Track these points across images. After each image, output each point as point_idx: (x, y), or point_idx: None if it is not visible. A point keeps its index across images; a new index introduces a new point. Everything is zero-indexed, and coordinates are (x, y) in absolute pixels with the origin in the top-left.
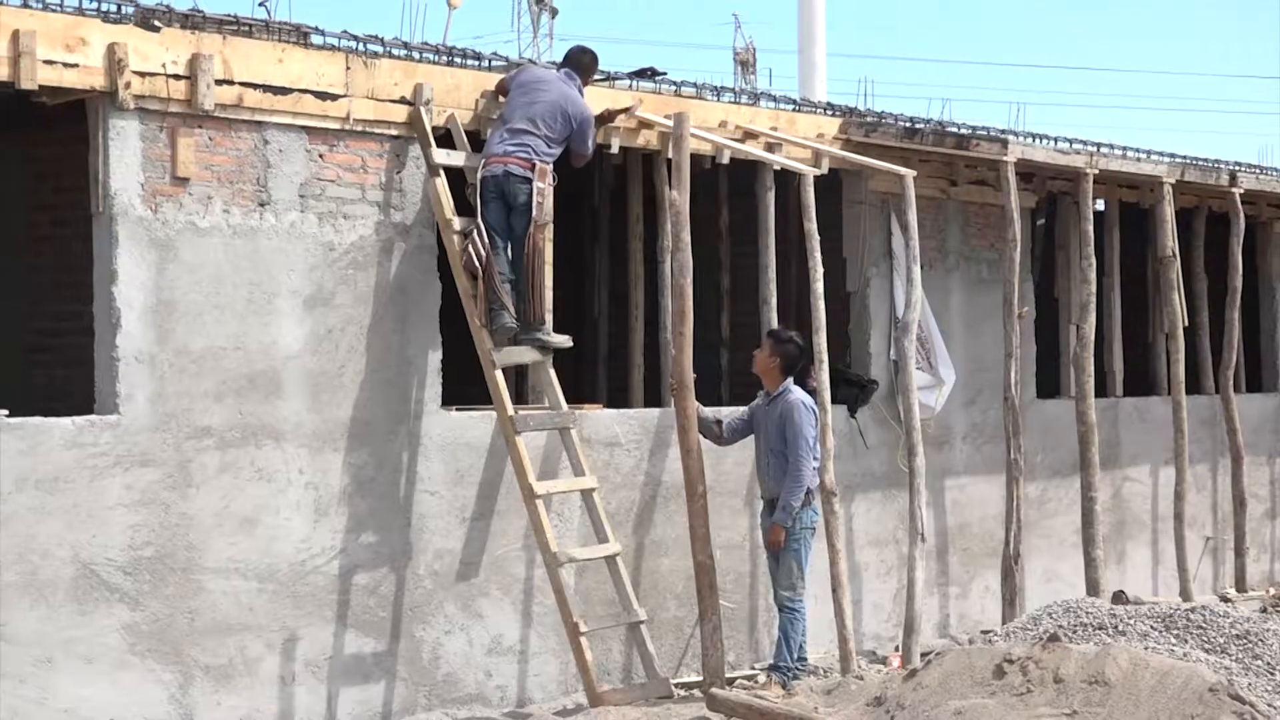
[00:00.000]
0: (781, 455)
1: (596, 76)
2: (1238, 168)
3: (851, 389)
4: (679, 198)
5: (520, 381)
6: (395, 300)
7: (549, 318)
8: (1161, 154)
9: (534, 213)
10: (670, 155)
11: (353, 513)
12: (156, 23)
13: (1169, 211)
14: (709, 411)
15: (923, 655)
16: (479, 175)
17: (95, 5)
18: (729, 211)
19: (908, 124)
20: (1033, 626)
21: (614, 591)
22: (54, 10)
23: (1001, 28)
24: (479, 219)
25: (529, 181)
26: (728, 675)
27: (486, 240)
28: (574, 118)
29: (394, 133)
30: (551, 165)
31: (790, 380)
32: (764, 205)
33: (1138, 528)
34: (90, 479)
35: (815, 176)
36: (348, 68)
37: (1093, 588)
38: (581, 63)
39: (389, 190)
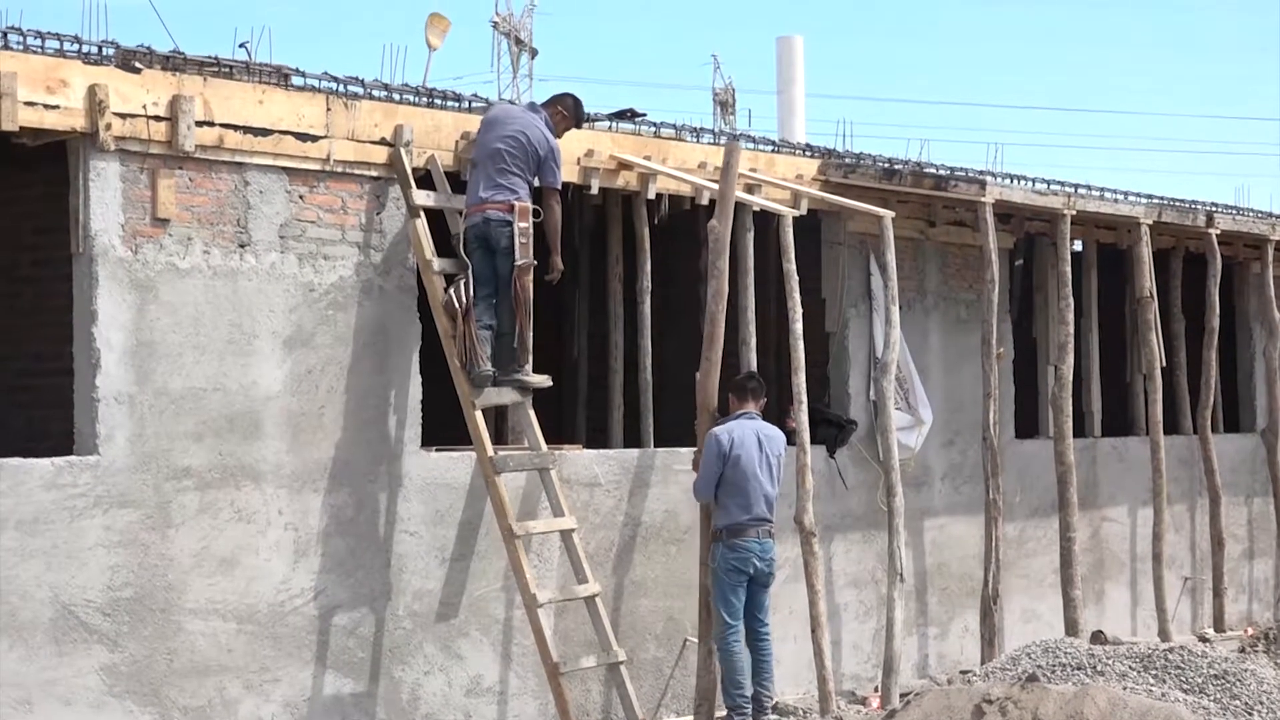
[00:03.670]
0: None
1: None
2: (1214, 208)
3: (830, 429)
4: (720, 226)
5: (500, 422)
6: (375, 341)
7: (529, 358)
8: (1139, 195)
9: (516, 255)
10: (702, 186)
11: (332, 553)
12: (137, 64)
13: (1146, 252)
14: None
15: (902, 695)
16: (462, 226)
17: (76, 47)
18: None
19: (886, 165)
20: (1011, 666)
21: (593, 632)
22: (35, 52)
23: (980, 69)
24: (470, 270)
25: (509, 224)
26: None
27: (471, 290)
28: (537, 145)
29: (374, 174)
30: (530, 201)
31: (736, 415)
32: (743, 246)
33: (1116, 568)
34: (69, 520)
35: (794, 217)
36: (328, 109)
37: (1071, 628)
38: (555, 99)
39: (369, 231)
